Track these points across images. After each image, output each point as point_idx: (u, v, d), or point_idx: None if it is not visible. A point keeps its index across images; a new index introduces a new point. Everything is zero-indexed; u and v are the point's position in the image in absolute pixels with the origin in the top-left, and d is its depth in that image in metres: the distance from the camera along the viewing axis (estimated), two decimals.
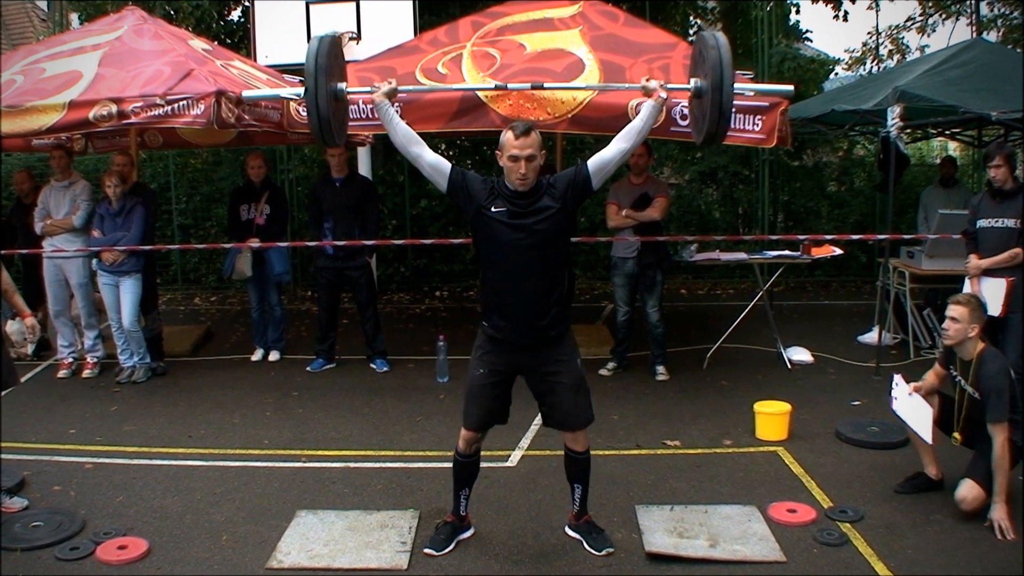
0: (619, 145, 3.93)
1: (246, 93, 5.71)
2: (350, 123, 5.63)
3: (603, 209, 11.26)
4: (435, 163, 3.94)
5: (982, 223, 6.16)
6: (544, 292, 3.89)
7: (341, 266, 7.47)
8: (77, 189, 7.43)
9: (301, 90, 4.22)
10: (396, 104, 4.03)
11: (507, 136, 3.83)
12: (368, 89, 4.28)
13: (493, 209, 3.84)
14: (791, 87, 5.06)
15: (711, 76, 3.99)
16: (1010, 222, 6.00)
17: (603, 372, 7.27)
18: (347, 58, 4.75)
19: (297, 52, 7.81)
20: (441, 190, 4.00)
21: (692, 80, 4.34)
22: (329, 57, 4.09)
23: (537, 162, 3.82)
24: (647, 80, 4.19)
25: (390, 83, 4.15)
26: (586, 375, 4.15)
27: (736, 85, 4.10)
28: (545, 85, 5.23)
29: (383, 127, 4.05)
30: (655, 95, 4.05)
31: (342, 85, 4.26)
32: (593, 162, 3.90)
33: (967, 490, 4.36)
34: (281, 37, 8.91)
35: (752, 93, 5.05)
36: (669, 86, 4.23)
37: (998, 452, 4.24)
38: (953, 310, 4.49)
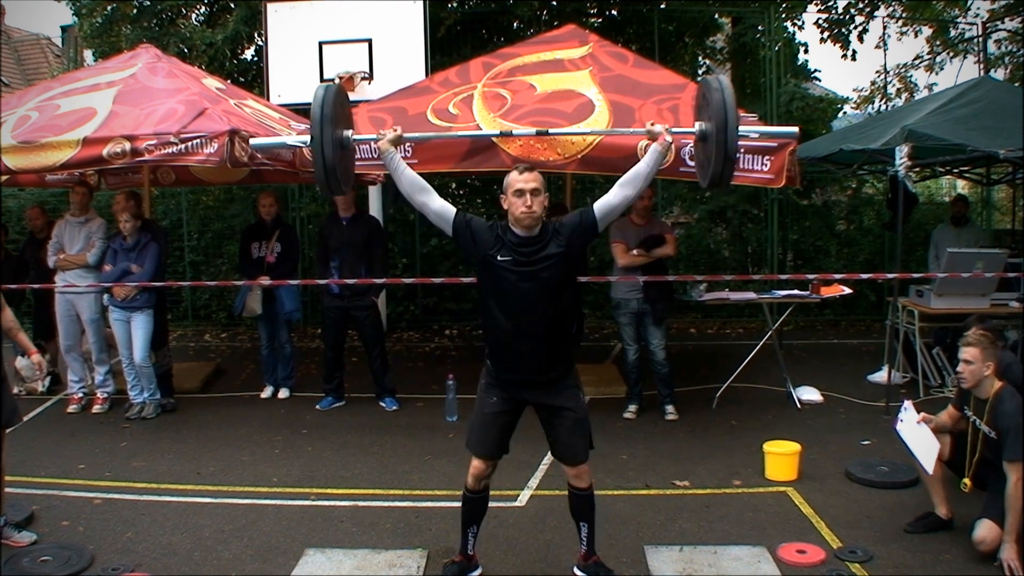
0: (624, 192, 3.94)
1: (254, 141, 5.70)
2: (362, 163, 5.68)
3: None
4: (440, 210, 3.97)
5: None
6: (551, 337, 3.91)
7: (347, 306, 7.47)
8: (93, 226, 7.49)
9: (307, 138, 4.22)
10: (407, 145, 4.05)
11: (511, 175, 3.91)
12: (374, 136, 4.31)
13: (499, 258, 3.87)
14: (795, 129, 5.05)
15: (715, 117, 3.97)
16: None
17: (627, 415, 7.19)
18: (359, 98, 4.79)
19: (310, 91, 7.79)
20: (448, 235, 4.03)
21: (696, 124, 4.34)
22: (335, 106, 4.06)
23: (542, 197, 3.86)
24: (652, 124, 4.19)
25: (395, 130, 4.17)
26: (587, 409, 4.16)
27: (740, 128, 4.07)
28: (550, 131, 5.24)
29: None
30: (660, 139, 4.05)
31: (348, 132, 4.24)
32: (599, 207, 3.92)
33: (986, 531, 4.31)
34: (294, 76, 9.01)
35: (757, 135, 5.07)
36: (673, 130, 4.24)
37: (1011, 491, 4.21)
38: (965, 352, 4.47)
